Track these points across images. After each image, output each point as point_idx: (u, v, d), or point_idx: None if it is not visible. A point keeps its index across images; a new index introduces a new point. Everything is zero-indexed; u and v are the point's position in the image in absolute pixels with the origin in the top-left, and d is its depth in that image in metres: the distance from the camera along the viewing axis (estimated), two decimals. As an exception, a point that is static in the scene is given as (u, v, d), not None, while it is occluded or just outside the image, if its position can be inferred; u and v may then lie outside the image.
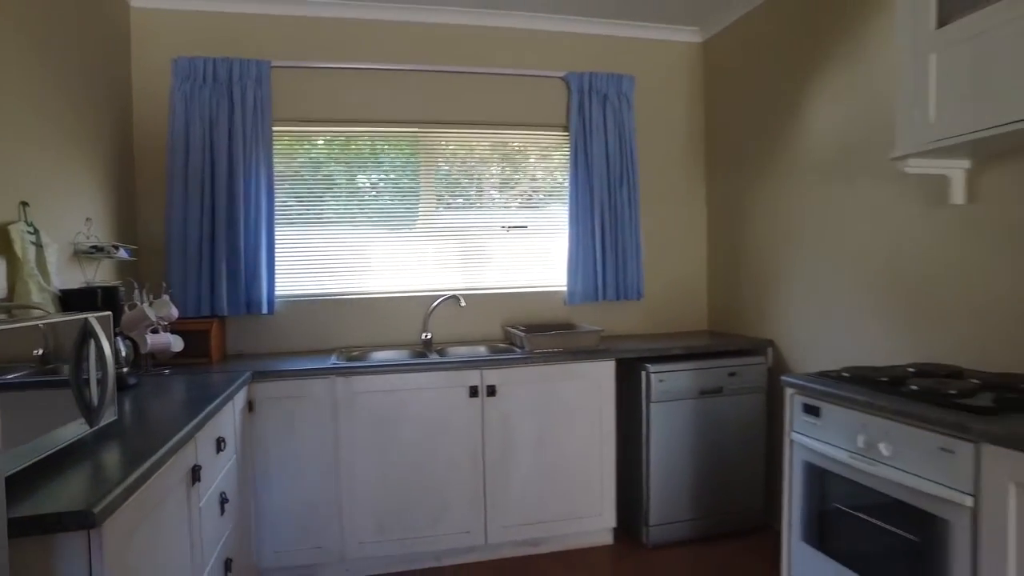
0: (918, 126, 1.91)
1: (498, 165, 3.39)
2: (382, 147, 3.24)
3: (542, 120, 3.39)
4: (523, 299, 3.40)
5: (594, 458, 2.89)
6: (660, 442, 2.92)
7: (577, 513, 2.87)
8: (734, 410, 3.02)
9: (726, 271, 3.51)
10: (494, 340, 3.31)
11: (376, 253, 3.24)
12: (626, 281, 3.43)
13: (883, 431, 1.73)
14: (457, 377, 2.70)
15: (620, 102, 3.39)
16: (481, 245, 3.37)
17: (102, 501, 1.11)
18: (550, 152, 3.45)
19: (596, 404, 2.89)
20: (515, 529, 2.79)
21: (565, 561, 2.80)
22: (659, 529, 2.93)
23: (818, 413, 1.99)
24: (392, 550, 2.66)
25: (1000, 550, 1.41)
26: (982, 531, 1.45)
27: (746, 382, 3.04)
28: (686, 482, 2.95)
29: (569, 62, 3.40)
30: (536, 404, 2.81)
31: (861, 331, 2.57)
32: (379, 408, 2.64)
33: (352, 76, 3.15)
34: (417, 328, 3.24)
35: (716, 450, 2.99)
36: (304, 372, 2.56)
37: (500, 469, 2.77)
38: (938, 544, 1.57)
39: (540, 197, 3.45)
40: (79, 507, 1.08)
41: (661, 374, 2.91)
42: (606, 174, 3.37)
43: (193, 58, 2.90)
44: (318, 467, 2.59)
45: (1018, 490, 1.37)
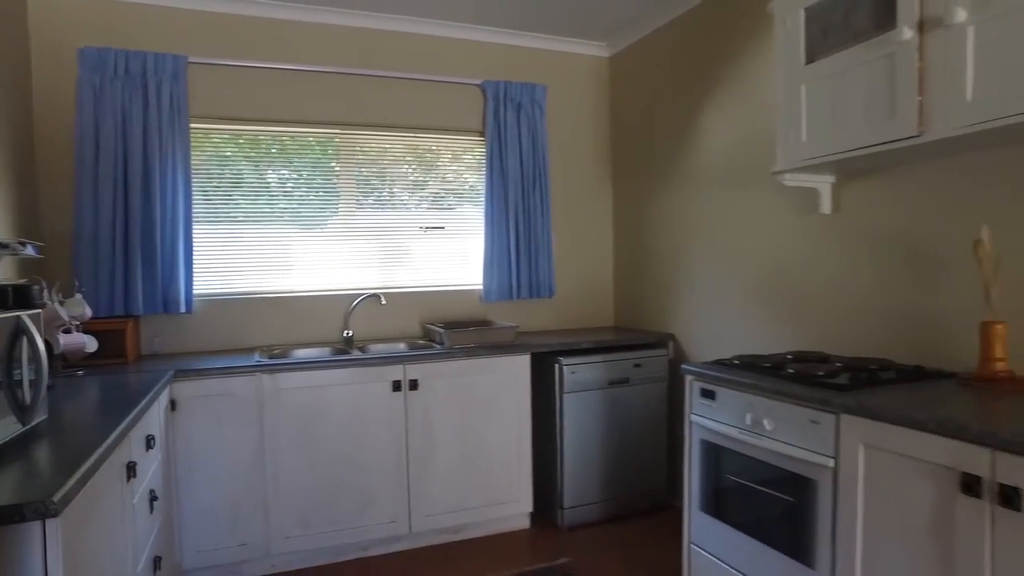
0: (793, 145, 2.21)
1: (416, 168, 3.49)
2: (302, 147, 3.26)
3: (459, 125, 3.53)
4: (441, 297, 3.52)
5: (511, 447, 3.06)
6: (572, 430, 3.14)
7: (496, 500, 3.03)
8: (639, 399, 3.29)
9: (630, 271, 3.79)
10: (413, 337, 3.42)
11: (296, 252, 3.26)
12: (539, 280, 3.63)
13: (766, 409, 2.01)
14: (380, 372, 2.79)
15: (533, 110, 3.59)
16: (400, 245, 3.47)
17: (59, 491, 1.14)
18: (467, 156, 3.60)
19: (513, 396, 3.07)
20: (438, 517, 2.92)
21: (486, 546, 2.95)
22: (573, 511, 3.14)
23: (713, 396, 2.25)
24: (318, 543, 2.72)
25: (852, 497, 1.70)
26: (840, 484, 1.74)
27: (650, 373, 3.32)
28: (597, 467, 3.19)
29: (486, 70, 3.56)
30: (456, 397, 2.95)
31: (749, 324, 2.90)
32: (304, 404, 2.69)
33: (273, 76, 3.16)
34: (338, 326, 3.29)
35: (623, 436, 3.25)
36: (229, 370, 2.57)
37: (423, 460, 2.89)
38: (809, 501, 1.86)
39: (457, 199, 3.59)
40: (33, 499, 1.11)
41: (573, 366, 3.13)
42: (520, 178, 3.56)
43: (103, 49, 2.81)
44: (243, 464, 2.61)
45: (866, 449, 1.67)
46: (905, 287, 2.21)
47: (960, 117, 1.68)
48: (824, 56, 2.06)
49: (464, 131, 3.55)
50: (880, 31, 1.87)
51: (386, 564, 2.78)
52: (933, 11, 1.73)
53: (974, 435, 1.40)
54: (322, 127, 3.27)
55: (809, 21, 2.12)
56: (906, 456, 1.57)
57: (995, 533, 1.38)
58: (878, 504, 1.65)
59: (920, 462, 1.54)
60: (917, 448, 1.54)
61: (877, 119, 1.90)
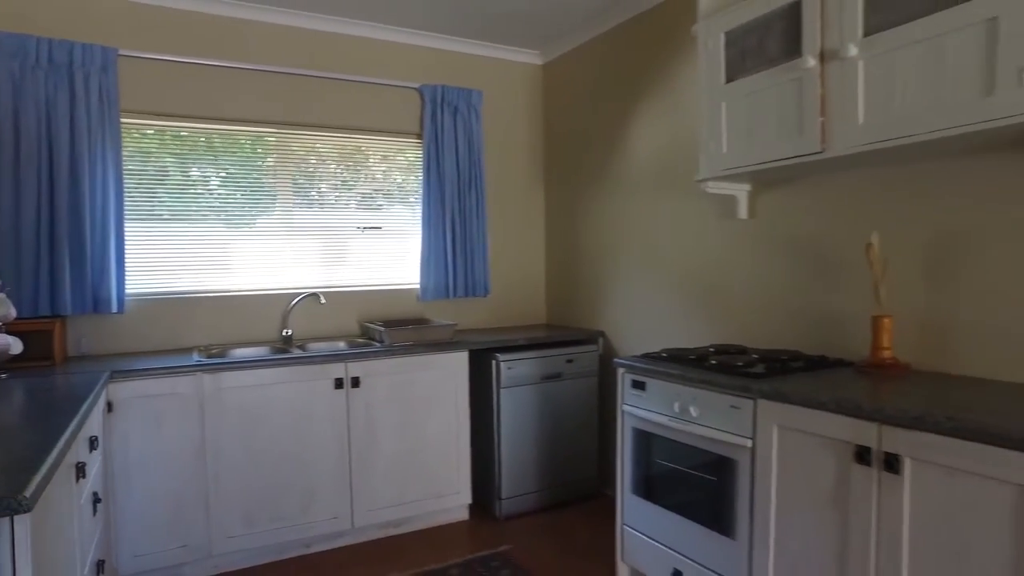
0: (714, 156, 2.43)
1: (354, 168, 3.53)
2: (239, 145, 3.24)
3: (397, 127, 3.59)
4: (378, 296, 3.57)
5: (451, 441, 3.16)
6: (509, 423, 3.27)
7: (437, 492, 3.12)
8: (572, 392, 3.47)
9: (562, 270, 3.96)
10: (352, 335, 3.45)
11: (233, 251, 3.23)
12: (474, 279, 3.74)
13: (692, 397, 2.21)
14: (323, 370, 2.83)
15: (469, 114, 3.70)
16: (338, 244, 3.49)
17: (29, 486, 1.15)
18: (404, 158, 3.66)
19: (452, 391, 3.17)
20: (380, 512, 2.98)
21: (427, 538, 3.04)
22: (510, 502, 3.28)
23: (644, 387, 2.44)
24: (261, 541, 2.72)
25: (767, 472, 1.92)
26: (757, 462, 1.96)
27: (581, 368, 3.49)
28: (532, 458, 3.34)
29: (424, 74, 3.64)
30: (397, 394, 3.02)
31: (673, 320, 3.12)
32: (247, 403, 2.69)
33: (210, 72, 3.12)
34: (276, 325, 3.29)
35: (557, 428, 3.41)
36: (170, 369, 2.54)
37: (365, 456, 2.94)
38: (730, 478, 2.06)
39: (394, 200, 3.65)
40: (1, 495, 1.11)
41: (509, 362, 3.26)
42: (456, 180, 3.66)
43: (23, 35, 2.69)
44: (183, 464, 2.58)
45: (779, 429, 1.88)
46: (811, 286, 2.47)
47: (854, 138, 1.92)
48: (742, 77, 2.28)
49: (402, 133, 3.61)
50: (789, 58, 2.10)
51: (329, 559, 2.82)
52: (831, 44, 1.97)
53: (865, 412, 1.63)
54: (260, 126, 3.25)
55: (728, 44, 2.34)
56: (812, 434, 1.79)
57: (880, 494, 1.62)
58: (789, 477, 1.87)
59: (823, 438, 1.76)
60: (820, 426, 1.76)
61: (787, 135, 2.13)
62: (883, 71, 1.83)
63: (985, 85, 1.60)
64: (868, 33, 1.86)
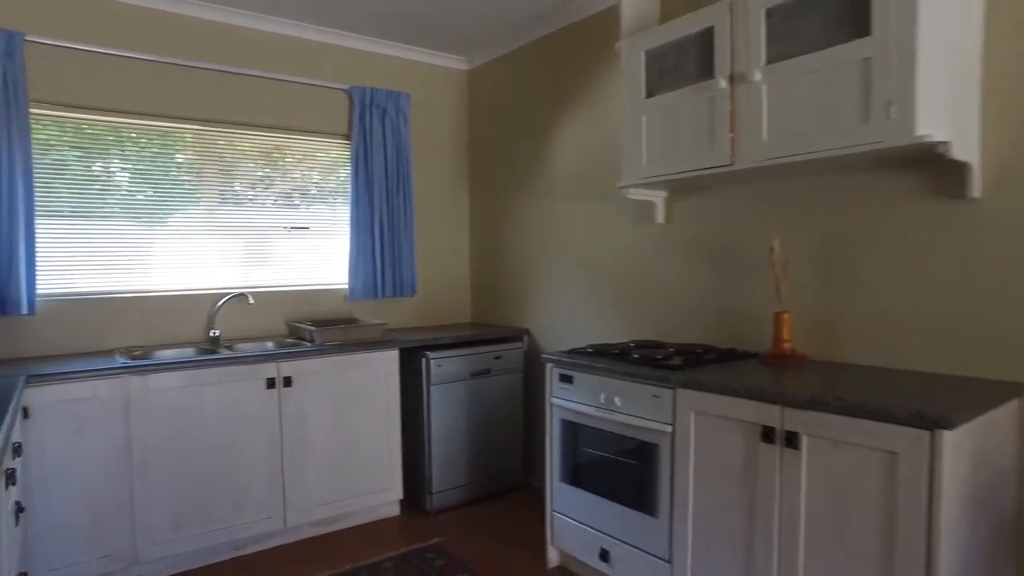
0: (635, 165, 2.62)
1: (282, 168, 3.50)
2: (161, 142, 3.14)
3: (325, 128, 3.59)
4: (306, 296, 3.56)
5: (382, 438, 3.21)
6: (439, 419, 3.36)
7: (369, 489, 3.17)
8: (499, 388, 3.59)
9: (487, 271, 4.08)
10: (280, 336, 3.43)
11: (154, 250, 3.13)
12: (402, 279, 3.80)
13: (617, 388, 2.38)
14: (255, 370, 2.81)
15: (398, 117, 3.75)
16: (265, 244, 3.45)
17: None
18: (332, 158, 3.67)
19: (383, 389, 3.22)
20: (313, 510, 2.99)
21: (360, 534, 3.08)
22: (441, 495, 3.36)
23: (571, 380, 2.60)
24: (190, 545, 2.68)
25: (685, 455, 2.12)
26: (676, 446, 2.15)
27: (508, 364, 3.63)
28: (462, 452, 3.44)
29: (353, 76, 3.65)
30: (329, 392, 3.04)
31: (595, 318, 3.31)
32: (176, 405, 2.63)
33: (128, 64, 3.01)
34: (200, 326, 3.22)
35: (485, 423, 3.53)
36: (93, 372, 2.45)
37: (298, 455, 2.95)
38: (651, 462, 2.25)
39: (322, 200, 3.64)
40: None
41: (439, 360, 3.35)
42: (384, 181, 3.70)
43: (-82, 22, 2.53)
44: (106, 471, 2.50)
45: (696, 415, 2.09)
46: (721, 285, 2.71)
47: (759, 152, 2.15)
48: (661, 93, 2.48)
49: (330, 134, 3.61)
50: (703, 78, 2.32)
51: (262, 560, 2.81)
52: (740, 68, 2.19)
53: (770, 397, 1.85)
54: (184, 122, 3.17)
55: (649, 62, 2.53)
56: (724, 417, 2.00)
57: (783, 468, 1.84)
58: (704, 458, 2.08)
59: (734, 421, 1.97)
60: (732, 410, 1.97)
61: (701, 148, 2.34)
62: (783, 95, 2.07)
63: (863, 114, 1.86)
64: (770, 61, 2.09)
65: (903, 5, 1.76)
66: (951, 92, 1.85)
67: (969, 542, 1.68)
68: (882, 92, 1.81)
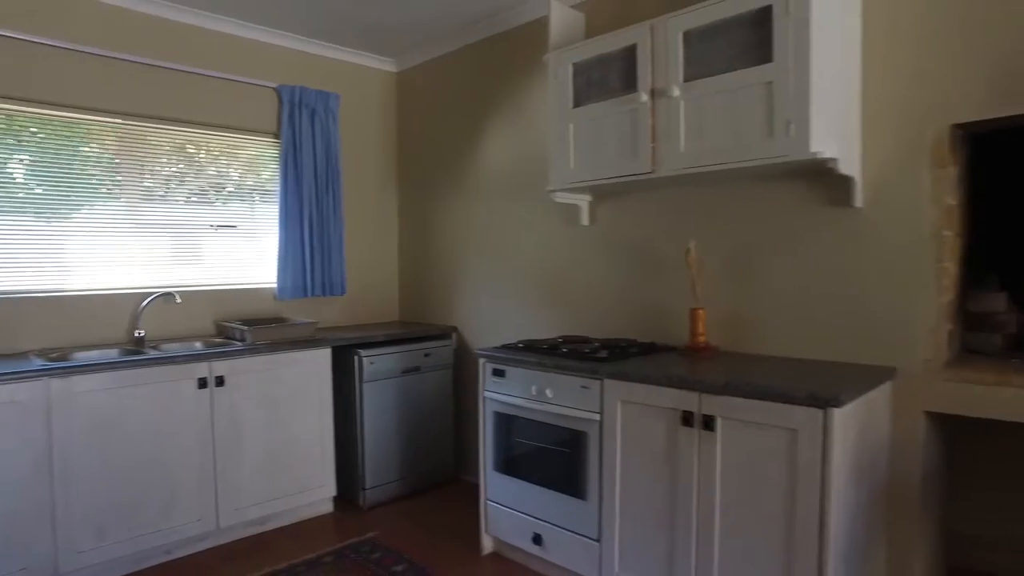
0: (563, 170, 2.78)
1: (208, 165, 3.43)
2: (80, 135, 3.01)
3: (253, 126, 3.55)
4: (234, 296, 3.51)
5: (315, 436, 3.23)
6: (372, 416, 3.41)
7: (302, 487, 3.18)
8: (429, 384, 3.68)
9: (415, 270, 4.15)
10: (208, 335, 3.37)
11: (69, 248, 3.00)
12: (331, 278, 3.81)
13: (548, 381, 2.53)
14: (186, 370, 2.77)
15: (327, 117, 3.75)
16: (191, 243, 3.38)
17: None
18: (260, 156, 3.63)
19: (316, 387, 3.24)
20: (247, 510, 2.97)
21: (294, 533, 3.08)
22: (374, 491, 3.42)
23: (504, 374, 2.72)
24: (118, 552, 2.61)
25: (612, 441, 2.29)
26: (604, 433, 2.33)
27: (438, 361, 3.72)
28: (394, 448, 3.50)
29: (281, 74, 3.63)
30: (262, 391, 3.03)
31: (523, 315, 3.46)
32: (102, 407, 2.56)
33: (46, 53, 2.87)
34: (123, 326, 3.11)
35: (416, 419, 3.61)
36: (11, 375, 2.34)
37: (230, 455, 2.92)
38: (581, 449, 2.42)
39: (249, 199, 3.60)
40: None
41: (371, 357, 3.40)
42: (314, 181, 3.70)
43: None
44: (23, 479, 2.40)
45: (622, 403, 2.27)
46: (642, 284, 2.92)
47: (676, 162, 2.35)
48: (587, 103, 2.65)
49: (258, 132, 3.57)
50: (626, 92, 2.50)
51: (193, 563, 2.77)
52: (660, 84, 2.39)
53: (688, 384, 2.06)
54: (106, 116, 3.06)
55: (576, 74, 2.70)
56: (648, 405, 2.19)
57: (700, 449, 2.05)
58: (630, 443, 2.26)
59: (657, 408, 2.17)
60: (654, 398, 2.16)
61: (624, 156, 2.53)
62: (699, 111, 2.28)
63: (767, 131, 2.09)
64: (687, 79, 2.30)
65: (799, 37, 2.00)
66: (839, 115, 2.11)
67: (853, 505, 1.94)
68: (782, 112, 2.05)
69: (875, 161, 2.21)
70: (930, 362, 2.12)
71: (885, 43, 2.18)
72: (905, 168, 2.15)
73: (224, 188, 3.50)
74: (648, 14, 2.74)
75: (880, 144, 2.19)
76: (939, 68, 2.07)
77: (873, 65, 2.20)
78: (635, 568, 2.26)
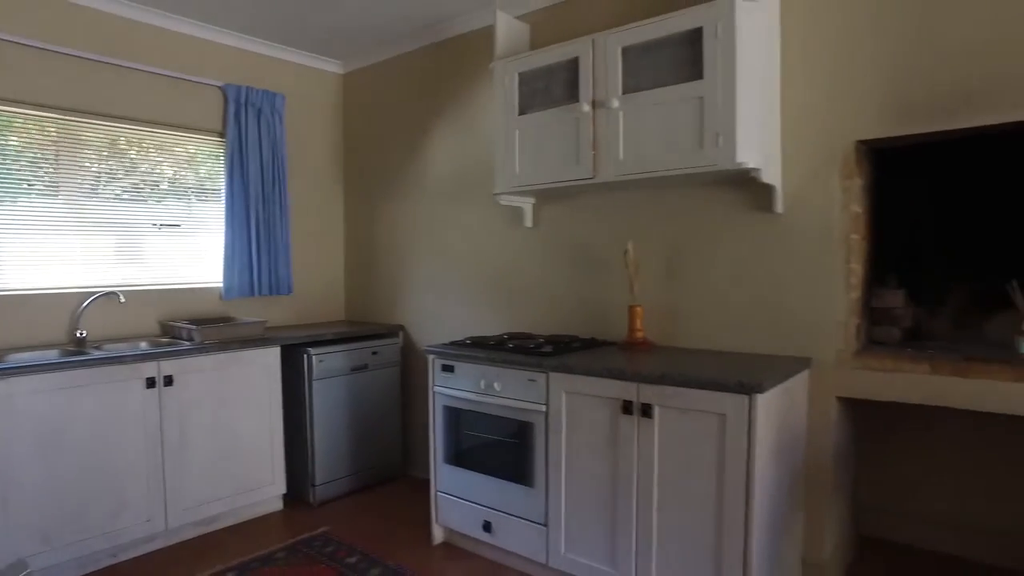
0: (509, 174, 2.91)
1: (154, 164, 3.39)
2: (14, 129, 2.93)
3: (199, 124, 3.53)
4: (179, 295, 3.48)
5: (265, 434, 3.25)
6: (321, 413, 3.45)
7: (252, 485, 3.19)
8: (377, 382, 3.75)
9: (361, 270, 4.20)
10: (153, 335, 3.33)
11: (6, 246, 2.92)
12: (278, 278, 3.82)
13: (495, 375, 2.66)
14: (134, 370, 2.75)
15: (273, 117, 3.76)
16: (133, 242, 3.33)
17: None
18: (205, 155, 3.60)
19: (265, 386, 3.26)
20: (196, 510, 2.97)
21: (242, 531, 3.10)
22: (323, 487, 3.46)
23: (453, 370, 2.83)
24: (62, 557, 2.57)
25: (558, 430, 2.44)
26: (550, 423, 2.47)
27: (385, 359, 3.79)
28: (344, 444, 3.55)
29: (227, 73, 3.61)
30: (211, 390, 3.03)
31: (468, 313, 3.57)
32: (45, 410, 2.52)
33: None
34: (63, 327, 3.05)
35: (365, 415, 3.67)
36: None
37: (179, 455, 2.91)
38: (528, 439, 2.56)
39: (194, 197, 3.57)
40: None
41: (320, 356, 3.44)
42: (260, 180, 3.70)
43: None
44: (-37, 484, 2.35)
45: (566, 395, 2.42)
46: (583, 282, 3.08)
47: (616, 169, 2.52)
48: (532, 111, 2.79)
49: (204, 131, 3.55)
50: (569, 101, 2.66)
51: (141, 566, 2.76)
52: (601, 95, 2.55)
53: (628, 376, 2.22)
54: (44, 110, 2.97)
55: (522, 83, 2.83)
56: (590, 395, 2.35)
57: (640, 435, 2.22)
58: (574, 432, 2.41)
59: (599, 398, 2.33)
60: (597, 389, 2.32)
61: (567, 162, 2.68)
62: (637, 121, 2.45)
63: (698, 142, 2.29)
64: (626, 92, 2.47)
65: (726, 57, 2.20)
66: (762, 129, 2.33)
67: (775, 481, 2.15)
68: (712, 125, 2.24)
69: (793, 172, 2.44)
70: (841, 352, 2.36)
71: (801, 66, 2.41)
72: (818, 178, 2.38)
73: (168, 187, 3.46)
74: (589, 29, 2.91)
75: (797, 156, 2.43)
76: (846, 90, 2.32)
77: (791, 85, 2.43)
78: (581, 548, 2.42)
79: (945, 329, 2.56)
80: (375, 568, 2.69)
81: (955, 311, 2.54)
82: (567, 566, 2.45)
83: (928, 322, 2.58)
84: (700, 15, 2.27)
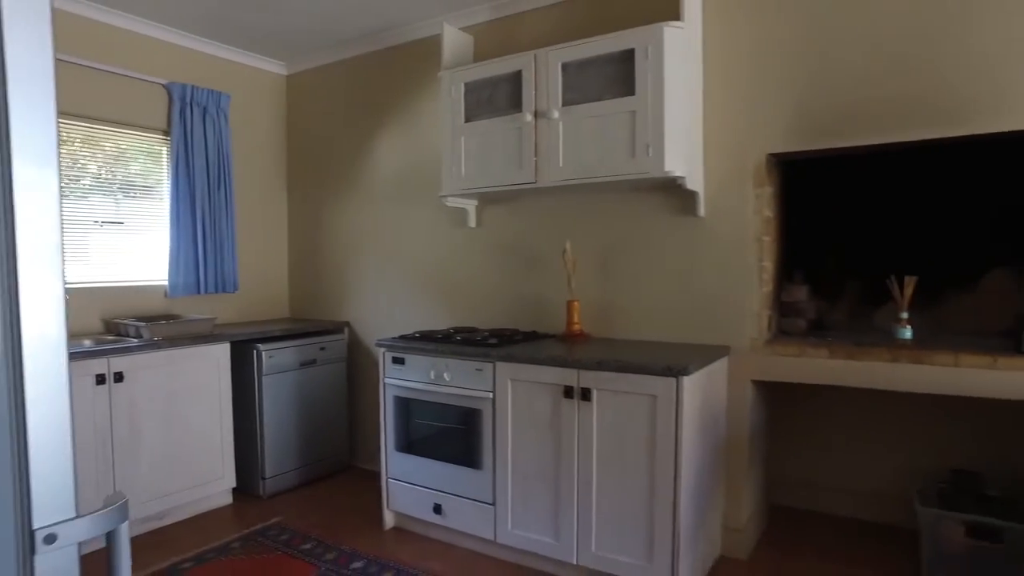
0: (455, 177, 3.08)
1: (94, 160, 3.38)
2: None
3: (142, 122, 3.53)
4: (123, 293, 3.48)
5: (215, 429, 3.31)
6: (271, 408, 3.53)
7: (202, 480, 3.24)
8: (325, 377, 3.85)
9: (305, 268, 4.28)
10: (97, 333, 3.32)
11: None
12: (224, 275, 3.86)
13: (444, 366, 2.83)
14: (84, 367, 2.77)
15: (218, 116, 3.79)
16: (75, 239, 3.31)
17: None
18: (150, 153, 3.60)
19: (215, 382, 3.31)
20: (145, 505, 3.00)
21: (193, 525, 3.15)
22: (273, 480, 3.54)
23: (403, 362, 2.99)
24: (12, 552, 2.57)
25: (504, 415, 2.64)
26: (496, 409, 2.67)
27: (332, 354, 3.90)
28: (292, 438, 3.64)
29: (171, 71, 3.62)
30: (161, 387, 3.07)
31: (414, 309, 3.73)
32: (-5, 408, 2.52)
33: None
34: None
35: (313, 409, 3.77)
36: None
37: (129, 451, 2.94)
38: (476, 425, 2.75)
39: (137, 195, 3.57)
40: None
41: (270, 351, 3.52)
42: (206, 179, 3.73)
43: None
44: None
45: (512, 382, 2.62)
46: (524, 279, 3.29)
47: (556, 175, 2.74)
48: (478, 119, 2.98)
49: (147, 128, 3.55)
50: (513, 111, 2.86)
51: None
52: (542, 106, 2.76)
53: (569, 363, 2.45)
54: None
55: (467, 93, 3.01)
56: (534, 382, 2.56)
57: (580, 417, 2.45)
58: (519, 416, 2.62)
59: (542, 384, 2.54)
60: (540, 376, 2.53)
61: (510, 168, 2.88)
62: (575, 131, 2.68)
63: (631, 151, 2.53)
64: (565, 104, 2.69)
65: (655, 76, 2.45)
66: (687, 142, 2.59)
67: (700, 455, 2.42)
68: (643, 137, 2.49)
69: (713, 180, 2.72)
70: (755, 340, 2.67)
71: (721, 86, 2.70)
72: (734, 186, 2.68)
73: (111, 184, 3.45)
74: (529, 43, 3.13)
75: (717, 166, 2.71)
76: (758, 108, 2.62)
77: (712, 103, 2.72)
78: (527, 524, 2.62)
79: (843, 319, 2.91)
80: (330, 553, 2.82)
81: (850, 303, 2.91)
82: (514, 541, 2.66)
83: (828, 313, 2.93)
84: (633, 38, 2.51)
